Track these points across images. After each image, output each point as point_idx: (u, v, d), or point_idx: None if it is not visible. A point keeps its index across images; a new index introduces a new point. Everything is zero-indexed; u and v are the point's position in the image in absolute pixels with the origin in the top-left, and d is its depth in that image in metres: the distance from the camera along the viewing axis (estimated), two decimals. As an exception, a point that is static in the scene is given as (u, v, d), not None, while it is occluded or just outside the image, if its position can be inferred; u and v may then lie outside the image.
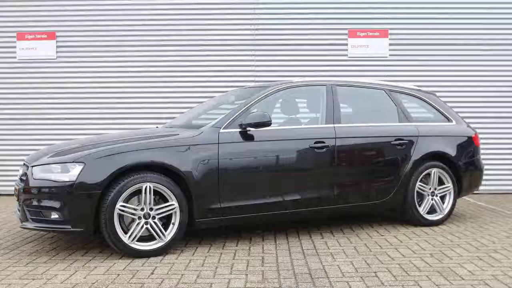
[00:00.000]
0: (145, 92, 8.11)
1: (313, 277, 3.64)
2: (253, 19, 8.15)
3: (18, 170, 4.88)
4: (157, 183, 4.20)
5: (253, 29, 8.14)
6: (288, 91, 5.25)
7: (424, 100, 5.93)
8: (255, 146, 4.68)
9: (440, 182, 5.58)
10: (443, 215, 5.55)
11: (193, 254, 4.33)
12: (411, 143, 5.43)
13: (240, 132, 4.64)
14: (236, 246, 4.60)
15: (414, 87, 6.10)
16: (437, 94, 6.37)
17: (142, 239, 4.21)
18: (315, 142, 4.92)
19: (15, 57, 8.14)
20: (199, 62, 8.12)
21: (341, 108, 5.28)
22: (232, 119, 4.68)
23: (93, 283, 3.52)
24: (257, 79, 8.04)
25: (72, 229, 4.08)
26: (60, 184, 4.07)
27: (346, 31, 8.16)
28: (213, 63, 8.12)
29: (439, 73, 8.14)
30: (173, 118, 6.76)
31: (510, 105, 8.17)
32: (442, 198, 5.60)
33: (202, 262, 4.06)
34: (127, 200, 4.16)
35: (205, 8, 8.13)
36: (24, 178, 4.35)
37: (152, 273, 3.75)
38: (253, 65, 8.13)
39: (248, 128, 4.64)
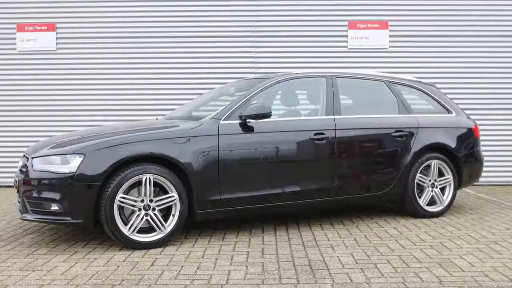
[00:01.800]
0: (145, 83, 8.09)
1: (313, 268, 3.64)
2: (253, 10, 8.12)
3: (18, 162, 4.89)
4: (157, 174, 4.20)
5: (253, 21, 8.11)
6: (288, 82, 5.23)
7: (424, 92, 5.91)
8: (255, 137, 4.67)
9: (440, 173, 5.58)
10: (443, 207, 5.55)
11: (193, 245, 4.33)
12: (411, 134, 5.43)
13: (240, 123, 4.63)
14: (236, 237, 4.61)
15: (414, 79, 6.08)
16: (437, 85, 6.35)
17: (142, 230, 4.21)
18: (315, 134, 4.91)
19: (15, 49, 8.11)
20: (199, 54, 8.10)
21: (341, 99, 5.26)
22: (232, 110, 4.67)
23: (93, 275, 3.53)
24: (257, 70, 8.03)
25: (72, 221, 4.09)
26: (60, 176, 4.07)
27: (346, 23, 8.14)
28: (213, 54, 8.10)
29: (439, 64, 8.12)
30: (173, 109, 6.75)
31: (510, 97, 8.15)
32: (442, 189, 5.60)
33: (202, 253, 4.07)
34: (127, 192, 4.16)
35: (205, -1, 8.12)
36: (24, 169, 4.35)
37: (152, 265, 3.76)
38: (253, 57, 8.10)
39: (248, 120, 4.63)
